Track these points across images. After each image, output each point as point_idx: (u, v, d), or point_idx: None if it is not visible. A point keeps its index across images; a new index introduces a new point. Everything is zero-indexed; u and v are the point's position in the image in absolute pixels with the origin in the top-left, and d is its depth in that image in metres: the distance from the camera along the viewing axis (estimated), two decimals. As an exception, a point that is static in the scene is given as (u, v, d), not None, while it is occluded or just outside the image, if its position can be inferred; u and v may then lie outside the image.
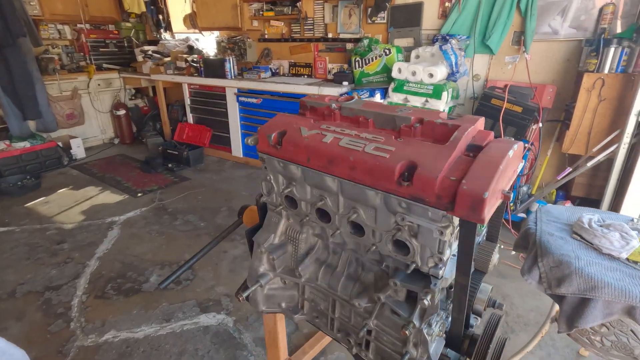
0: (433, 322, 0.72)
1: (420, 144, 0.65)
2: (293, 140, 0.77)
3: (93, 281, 2.25)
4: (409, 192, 0.61)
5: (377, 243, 0.74)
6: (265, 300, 0.98)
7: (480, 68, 3.19)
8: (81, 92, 4.65)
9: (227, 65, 3.93)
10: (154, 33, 5.21)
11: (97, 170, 4.10)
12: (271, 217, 0.96)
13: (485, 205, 0.52)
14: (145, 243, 2.65)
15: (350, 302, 0.82)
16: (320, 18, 3.79)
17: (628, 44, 2.38)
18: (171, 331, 1.87)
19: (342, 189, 0.74)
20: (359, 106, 0.83)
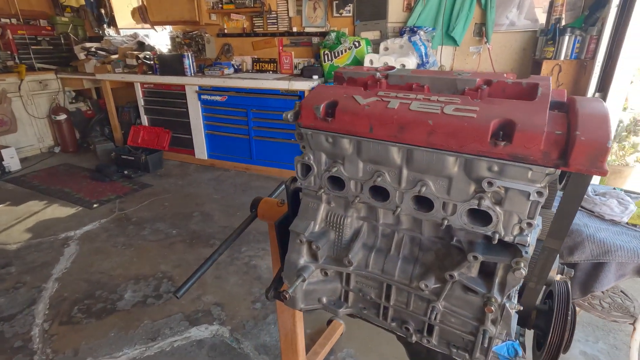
0: (512, 295, 0.68)
1: (508, 102, 0.61)
2: (350, 110, 0.68)
3: (55, 306, 1.94)
4: (507, 152, 0.55)
5: (448, 217, 0.68)
6: (304, 296, 0.88)
7: (446, 59, 3.30)
8: (11, 96, 4.08)
9: (186, 61, 3.68)
10: (95, 29, 4.74)
11: (38, 182, 3.61)
12: (308, 203, 0.86)
13: (607, 154, 0.48)
14: (113, 257, 2.37)
15: (411, 285, 0.76)
16: (284, 12, 3.69)
17: (579, 32, 2.59)
18: (160, 350, 1.66)
19: (410, 160, 0.67)
20: (409, 73, 0.77)
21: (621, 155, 2.96)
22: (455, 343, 0.77)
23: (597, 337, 1.79)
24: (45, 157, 4.41)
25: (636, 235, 1.22)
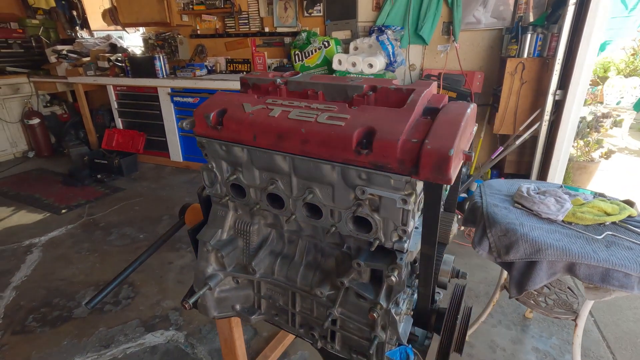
0: (400, 301, 0.68)
1: (376, 109, 0.61)
2: (236, 118, 0.68)
3: (9, 315, 1.92)
4: (369, 160, 0.55)
5: (336, 224, 0.68)
6: (216, 304, 0.88)
7: (415, 58, 3.31)
8: (-19, 100, 4.01)
9: (158, 63, 3.64)
10: (68, 31, 4.67)
11: (7, 188, 3.56)
12: (217, 211, 0.86)
13: (451, 163, 0.49)
14: (75, 264, 2.34)
15: (311, 292, 0.76)
16: (255, 12, 3.67)
17: (541, 30, 2.61)
18: (112, 358, 1.65)
19: (295, 168, 0.67)
20: (307, 79, 0.76)
21: (587, 151, 2.99)
22: (356, 349, 0.77)
23: (551, 333, 1.81)
24: (19, 162, 4.34)
25: (568, 233, 1.23)
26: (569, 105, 2.49)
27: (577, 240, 1.20)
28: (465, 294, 0.74)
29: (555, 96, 2.54)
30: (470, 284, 2.16)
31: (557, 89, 2.52)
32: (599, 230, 1.26)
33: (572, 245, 1.16)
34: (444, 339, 0.69)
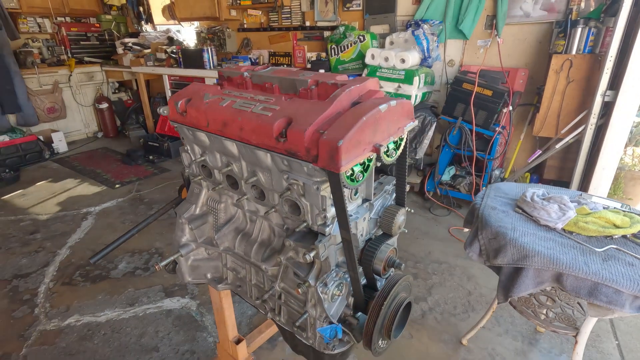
0: (329, 282, 0.73)
1: (303, 102, 0.66)
2: (195, 106, 0.78)
3: (62, 269, 2.26)
4: (284, 148, 0.61)
5: (276, 205, 0.75)
6: (190, 271, 1.00)
7: (455, 53, 3.18)
8: (62, 86, 4.63)
9: (206, 55, 3.92)
10: (135, 25, 5.18)
11: (78, 163, 4.10)
12: (193, 188, 0.97)
13: (340, 153, 0.53)
14: (118, 232, 2.66)
15: (261, 267, 0.83)
16: (297, 6, 3.77)
17: (595, 24, 2.37)
18: (134, 315, 1.88)
19: (241, 153, 0.75)
20: (269, 73, 0.83)
21: (644, 161, 2.67)
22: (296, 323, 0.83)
23: (562, 350, 1.70)
24: (90, 141, 4.95)
25: (564, 242, 1.16)
26: (620, 107, 2.24)
27: (571, 250, 1.12)
28: (402, 285, 0.77)
29: (604, 97, 2.30)
30: (483, 289, 2.08)
31: (607, 89, 2.28)
32: (603, 242, 1.17)
33: (563, 255, 1.10)
34: (370, 322, 0.73)
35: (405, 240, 2.54)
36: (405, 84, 2.86)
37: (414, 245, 2.51)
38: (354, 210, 0.74)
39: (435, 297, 2.03)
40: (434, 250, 2.45)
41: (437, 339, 1.76)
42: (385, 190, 0.83)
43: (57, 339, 1.74)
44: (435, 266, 2.29)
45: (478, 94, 2.71)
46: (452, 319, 1.88)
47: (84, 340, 1.73)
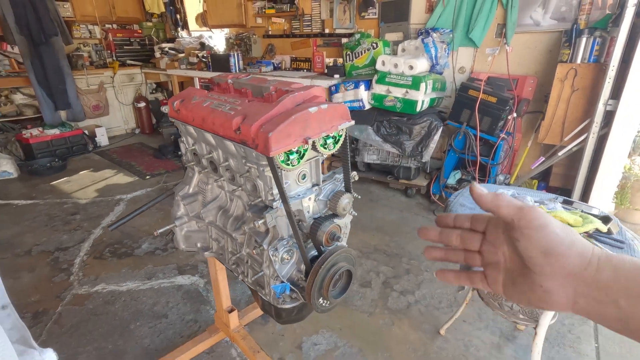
0: (280, 247, 0.92)
1: (258, 104, 0.85)
2: (185, 106, 0.99)
3: (94, 245, 2.60)
4: (240, 138, 0.81)
5: (242, 185, 0.95)
6: (184, 240, 1.22)
7: (466, 60, 3.26)
8: (106, 86, 5.13)
9: (232, 60, 4.22)
10: (172, 31, 5.63)
11: (116, 156, 4.54)
12: (188, 172, 1.19)
13: (270, 142, 0.72)
14: (144, 217, 2.99)
15: (233, 236, 1.04)
16: (318, 15, 3.99)
17: (600, 33, 2.40)
18: (150, 287, 2.16)
19: (217, 143, 0.96)
20: (246, 81, 1.04)
21: (654, 171, 2.62)
22: (259, 283, 1.03)
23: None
24: (128, 136, 5.44)
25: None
26: (621, 116, 2.26)
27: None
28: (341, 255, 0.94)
29: (606, 106, 2.32)
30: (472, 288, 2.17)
31: (609, 99, 2.30)
32: (556, 239, 1.26)
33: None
34: (309, 282, 0.91)
35: (405, 238, 2.66)
36: (413, 89, 2.98)
37: (412, 243, 2.63)
38: (301, 191, 0.93)
39: (423, 291, 2.15)
40: (430, 249, 2.55)
41: (417, 328, 1.89)
42: (336, 178, 1.01)
43: (86, 302, 2.04)
44: (429, 264, 2.40)
45: (483, 100, 2.79)
46: (435, 312, 2.00)
47: (108, 305, 2.02)
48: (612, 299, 0.32)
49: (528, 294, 0.37)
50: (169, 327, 1.87)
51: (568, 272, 0.33)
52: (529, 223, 0.35)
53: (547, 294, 0.35)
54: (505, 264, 0.39)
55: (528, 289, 0.36)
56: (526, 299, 0.37)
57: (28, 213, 3.09)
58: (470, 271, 0.43)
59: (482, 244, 0.42)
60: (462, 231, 0.43)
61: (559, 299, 0.34)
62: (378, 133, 3.22)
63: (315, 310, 0.94)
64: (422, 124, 3.06)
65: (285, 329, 1.85)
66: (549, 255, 0.34)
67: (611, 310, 0.32)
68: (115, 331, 1.84)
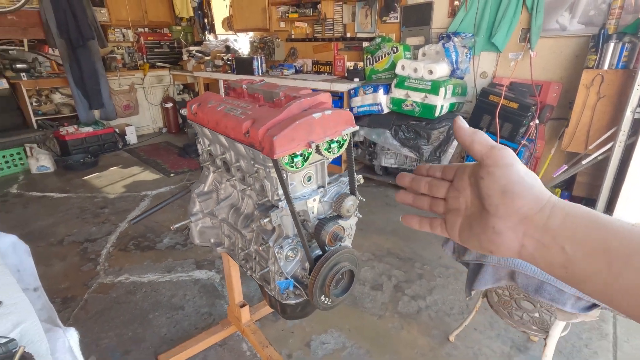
0: (285, 245, 0.97)
1: (267, 109, 0.91)
2: (201, 109, 1.06)
3: (120, 238, 2.74)
4: (248, 141, 0.87)
5: (251, 185, 1.01)
6: (199, 235, 1.29)
7: (488, 65, 3.21)
8: (137, 87, 5.38)
9: (255, 63, 4.34)
10: (200, 35, 5.83)
11: (143, 153, 4.76)
12: (204, 171, 1.26)
13: (274, 145, 0.77)
14: (167, 213, 3.12)
15: (242, 232, 1.10)
16: (340, 19, 4.03)
17: (630, 39, 2.31)
18: (169, 280, 2.27)
19: (229, 144, 1.02)
20: (259, 86, 1.10)
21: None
22: (265, 278, 1.08)
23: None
24: (155, 135, 5.67)
25: (525, 245, 1.26)
26: (650, 125, 2.17)
27: (529, 252, 1.22)
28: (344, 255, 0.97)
29: (634, 114, 2.24)
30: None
31: (637, 106, 2.22)
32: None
33: (520, 256, 1.20)
34: (312, 279, 0.95)
35: (419, 243, 2.66)
36: (432, 94, 2.97)
37: (427, 249, 2.61)
38: (307, 192, 0.97)
39: (434, 297, 2.15)
40: (445, 255, 2.54)
41: (426, 333, 1.89)
42: (341, 180, 1.05)
43: (110, 291, 2.17)
44: (442, 270, 2.38)
45: (504, 106, 2.75)
46: (446, 318, 1.99)
47: (130, 294, 2.14)
48: (559, 244, 0.32)
49: (480, 236, 0.37)
50: (185, 319, 1.96)
51: (521, 215, 0.34)
52: (495, 161, 0.35)
53: (497, 235, 0.35)
54: (465, 210, 0.40)
55: (481, 231, 0.37)
56: (478, 242, 0.38)
57: (62, 205, 3.30)
58: (433, 217, 0.44)
59: (448, 191, 0.42)
60: (432, 179, 0.44)
61: (508, 241, 0.35)
62: (396, 137, 3.23)
63: (317, 307, 0.98)
64: (440, 128, 3.04)
65: (294, 326, 1.90)
66: (506, 194, 0.34)
67: (556, 255, 0.32)
68: (136, 319, 1.95)
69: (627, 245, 0.29)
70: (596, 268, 0.30)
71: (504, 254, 0.36)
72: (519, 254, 0.35)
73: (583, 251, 0.31)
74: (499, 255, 0.37)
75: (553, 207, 0.33)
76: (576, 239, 0.31)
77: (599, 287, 0.30)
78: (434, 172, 0.44)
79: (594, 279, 0.30)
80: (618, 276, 0.29)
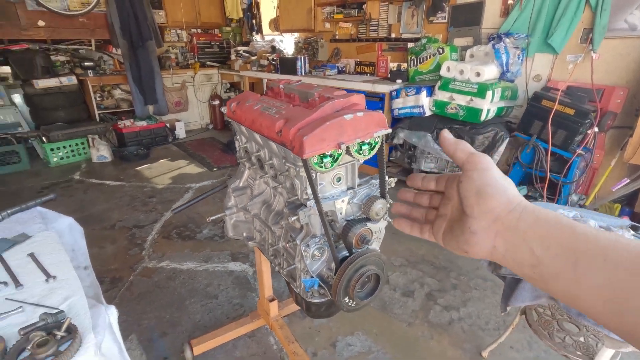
0: (312, 244, 0.98)
1: (300, 109, 0.92)
2: (240, 108, 1.10)
3: (164, 226, 2.92)
4: (280, 140, 0.89)
5: (282, 183, 1.03)
6: (232, 228, 1.34)
7: (542, 68, 3.01)
8: (188, 85, 5.69)
9: (299, 63, 4.41)
10: (248, 35, 6.03)
11: (190, 148, 5.02)
12: (240, 167, 1.31)
13: (304, 145, 0.78)
14: (208, 205, 3.27)
15: (272, 228, 1.12)
16: (385, 19, 3.98)
17: None
18: (205, 269, 2.38)
19: (263, 142, 1.05)
20: (295, 86, 1.12)
21: None
22: (292, 275, 1.10)
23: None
24: (202, 131, 5.96)
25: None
26: None
27: (574, 270, 1.13)
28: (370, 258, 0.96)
29: None
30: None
31: None
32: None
33: (564, 274, 1.12)
34: (336, 280, 0.95)
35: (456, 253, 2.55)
36: (478, 97, 2.85)
37: (464, 259, 2.51)
38: (336, 193, 0.97)
39: (469, 309, 2.06)
40: (483, 267, 2.42)
41: (457, 346, 1.81)
42: (372, 183, 1.04)
43: (152, 275, 2.32)
44: (479, 282, 2.28)
45: (558, 112, 2.56)
46: (480, 332, 1.90)
47: (169, 280, 2.27)
48: (528, 245, 0.34)
49: (459, 237, 0.40)
50: (218, 307, 2.04)
51: (494, 215, 0.36)
52: (474, 165, 0.38)
53: (472, 235, 0.38)
54: (451, 215, 0.43)
55: (460, 232, 0.40)
56: (456, 242, 0.40)
57: (116, 192, 3.58)
58: (423, 223, 0.47)
59: (440, 200, 0.46)
60: (433, 194, 0.47)
61: (482, 241, 0.37)
62: (437, 141, 3.12)
63: (341, 308, 0.98)
64: (486, 133, 2.90)
65: (321, 325, 1.91)
66: (480, 195, 0.37)
67: (526, 256, 0.34)
68: (174, 304, 2.07)
69: (592, 247, 0.31)
70: (563, 268, 0.32)
71: (477, 253, 0.38)
72: (491, 254, 0.37)
73: (551, 252, 0.32)
74: (472, 255, 0.39)
75: (523, 210, 0.35)
76: (545, 241, 0.33)
77: (565, 287, 0.32)
78: (428, 183, 0.47)
79: (560, 278, 0.32)
80: (582, 276, 0.31)
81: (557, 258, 0.32)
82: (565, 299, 0.33)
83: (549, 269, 0.33)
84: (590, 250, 0.31)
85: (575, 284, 0.31)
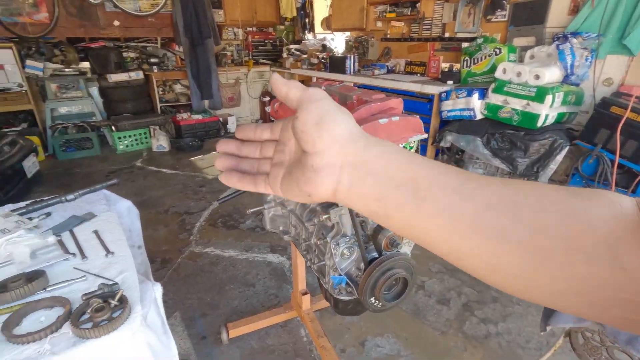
0: (341, 243, 1.01)
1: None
2: (281, 107, 1.16)
3: (211, 215, 3.11)
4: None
5: (317, 182, 1.07)
6: (270, 221, 1.41)
7: (615, 71, 2.74)
8: (241, 81, 5.95)
9: (348, 62, 4.42)
10: (301, 34, 6.15)
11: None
12: (280, 164, 1.37)
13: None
14: (253, 197, 3.41)
15: (305, 224, 1.17)
16: (439, 18, 3.85)
17: None
18: (245, 258, 2.50)
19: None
20: (336, 88, 1.15)
21: None
22: (321, 271, 1.14)
23: None
24: (252, 126, 6.20)
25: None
26: None
27: (626, 295, 1.04)
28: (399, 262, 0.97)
29: None
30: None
31: None
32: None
33: (614, 297, 1.03)
34: (363, 280, 0.97)
35: (499, 264, 2.43)
36: (536, 101, 2.66)
37: (508, 271, 2.38)
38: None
39: (509, 325, 1.96)
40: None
41: (492, 362, 1.74)
42: (406, 187, 1.04)
43: (197, 259, 2.49)
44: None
45: (630, 120, 2.32)
46: (518, 350, 1.80)
47: (212, 265, 2.43)
48: (373, 175, 0.32)
49: (299, 179, 0.35)
50: (254, 296, 2.15)
51: (339, 145, 0.33)
52: (309, 98, 0.35)
53: (315, 174, 0.34)
54: (289, 160, 0.38)
55: (301, 174, 0.35)
56: (297, 186, 0.36)
57: (171, 180, 3.87)
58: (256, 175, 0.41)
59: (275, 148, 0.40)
60: (264, 143, 0.42)
61: (326, 179, 0.34)
62: (487, 146, 2.98)
63: (366, 307, 1.00)
64: (542, 140, 2.71)
65: (351, 323, 1.93)
66: (321, 124, 0.33)
67: (371, 188, 0.32)
68: (214, 288, 2.21)
69: (430, 175, 0.31)
70: (404, 200, 0.31)
71: (322, 195, 0.35)
72: (335, 192, 0.34)
73: (394, 182, 0.31)
74: (317, 198, 0.35)
75: (368, 141, 0.34)
76: (389, 171, 0.32)
77: (406, 219, 0.31)
78: (261, 133, 0.42)
79: (402, 210, 0.31)
80: (420, 205, 0.30)
81: (400, 188, 0.31)
82: (406, 234, 0.32)
83: (392, 201, 0.31)
84: (428, 177, 0.31)
85: (415, 215, 0.31)
